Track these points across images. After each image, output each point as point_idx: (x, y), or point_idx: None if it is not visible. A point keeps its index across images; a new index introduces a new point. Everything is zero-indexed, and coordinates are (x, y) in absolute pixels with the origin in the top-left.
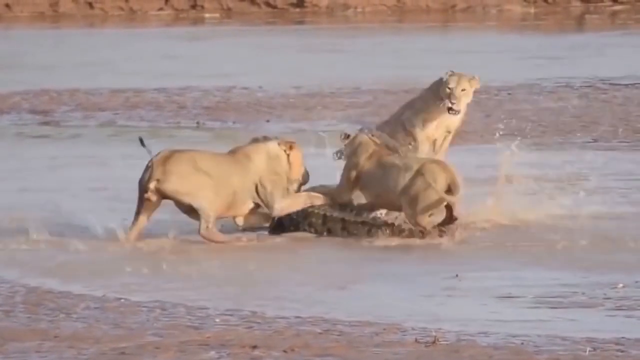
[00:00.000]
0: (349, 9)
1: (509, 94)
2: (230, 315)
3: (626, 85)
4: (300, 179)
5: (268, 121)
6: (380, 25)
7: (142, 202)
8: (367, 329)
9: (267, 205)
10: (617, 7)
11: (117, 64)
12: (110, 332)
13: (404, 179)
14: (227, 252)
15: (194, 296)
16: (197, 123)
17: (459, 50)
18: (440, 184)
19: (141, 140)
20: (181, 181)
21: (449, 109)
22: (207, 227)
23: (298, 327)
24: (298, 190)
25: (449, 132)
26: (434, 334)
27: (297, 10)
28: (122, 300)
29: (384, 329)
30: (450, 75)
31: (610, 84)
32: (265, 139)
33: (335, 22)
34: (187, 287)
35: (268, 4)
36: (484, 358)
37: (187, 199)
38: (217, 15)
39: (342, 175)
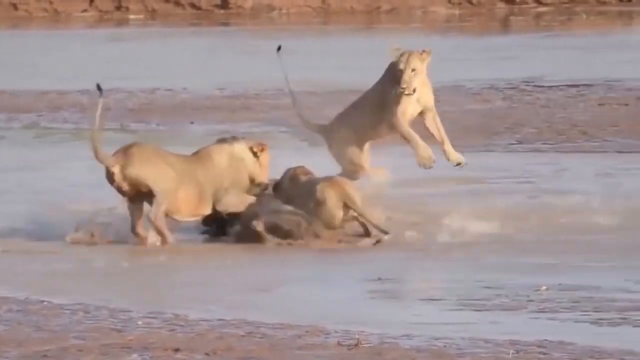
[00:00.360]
0: (274, 10)
1: (434, 95)
2: (153, 318)
3: (550, 87)
4: (266, 181)
5: (192, 123)
6: (305, 26)
7: (122, 196)
8: (289, 332)
9: (216, 200)
10: (542, 9)
11: (41, 66)
12: (33, 334)
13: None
14: (149, 255)
15: (117, 299)
16: (121, 125)
17: (384, 51)
18: (331, 200)
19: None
20: (144, 165)
21: (401, 91)
22: (157, 213)
23: (221, 330)
24: (260, 193)
25: (426, 107)
26: (356, 336)
27: (222, 11)
28: (45, 303)
29: (307, 332)
30: (399, 55)
31: (534, 85)
32: (234, 139)
33: (260, 24)
34: (110, 290)
35: (193, 6)
36: None
37: (149, 183)
38: (142, 16)
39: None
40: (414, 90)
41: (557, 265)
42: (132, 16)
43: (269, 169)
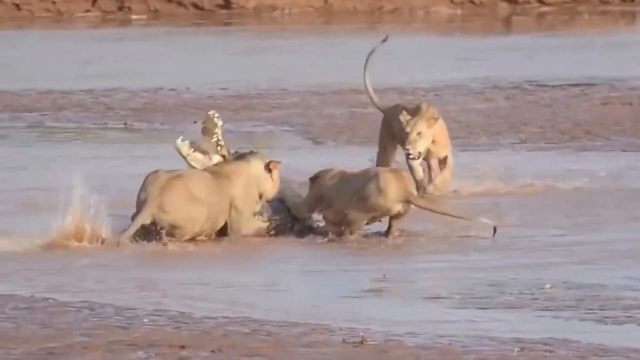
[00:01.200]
0: (276, 10)
1: (437, 95)
2: (159, 315)
3: (553, 86)
4: (270, 196)
5: (195, 122)
6: (307, 26)
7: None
8: (295, 329)
9: (233, 229)
10: (544, 9)
11: (44, 66)
12: (39, 332)
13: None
14: (154, 253)
15: (122, 297)
16: (125, 124)
17: (386, 51)
18: (392, 193)
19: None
20: (177, 214)
21: (407, 154)
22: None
23: (226, 327)
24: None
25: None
26: (361, 334)
27: (224, 11)
28: (51, 301)
29: (312, 329)
30: (407, 120)
31: (537, 85)
32: (251, 155)
33: (263, 24)
34: (115, 287)
35: (195, 6)
36: (412, 358)
37: (181, 228)
38: (145, 16)
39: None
40: (419, 155)
41: (562, 263)
42: (134, 16)
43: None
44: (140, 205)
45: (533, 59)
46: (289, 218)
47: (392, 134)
